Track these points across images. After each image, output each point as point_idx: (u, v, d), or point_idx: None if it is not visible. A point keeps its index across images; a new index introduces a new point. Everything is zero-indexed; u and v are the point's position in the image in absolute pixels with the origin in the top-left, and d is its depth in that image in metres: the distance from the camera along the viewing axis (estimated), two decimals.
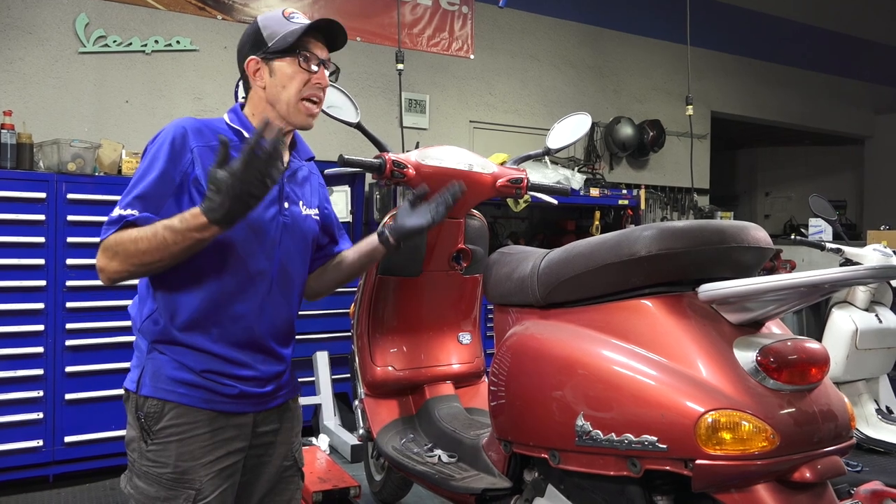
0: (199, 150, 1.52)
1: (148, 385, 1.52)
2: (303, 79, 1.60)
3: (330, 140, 4.48)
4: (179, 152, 1.51)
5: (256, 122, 1.62)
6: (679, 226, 1.56)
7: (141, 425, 1.52)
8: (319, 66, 1.62)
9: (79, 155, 3.29)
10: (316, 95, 1.63)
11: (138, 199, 1.46)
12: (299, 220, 1.68)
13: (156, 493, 1.50)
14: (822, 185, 9.16)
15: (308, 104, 1.62)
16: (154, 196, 1.47)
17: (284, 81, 1.59)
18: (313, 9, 4.79)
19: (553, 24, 5.93)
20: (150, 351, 1.55)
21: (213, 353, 1.54)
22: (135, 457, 1.54)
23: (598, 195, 5.20)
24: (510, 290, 1.98)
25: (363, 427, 2.63)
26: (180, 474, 1.50)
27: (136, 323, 1.60)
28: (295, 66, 1.59)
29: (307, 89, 1.61)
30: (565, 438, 1.61)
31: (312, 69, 1.61)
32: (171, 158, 1.49)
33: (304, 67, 1.60)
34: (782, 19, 7.45)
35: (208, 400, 1.54)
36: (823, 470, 1.40)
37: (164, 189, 1.48)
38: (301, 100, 1.61)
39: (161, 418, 1.51)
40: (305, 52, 1.60)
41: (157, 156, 1.50)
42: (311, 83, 1.61)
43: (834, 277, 1.34)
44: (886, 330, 3.38)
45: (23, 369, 3.14)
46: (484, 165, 2.42)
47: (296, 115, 1.62)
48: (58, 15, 4.03)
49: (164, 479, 1.50)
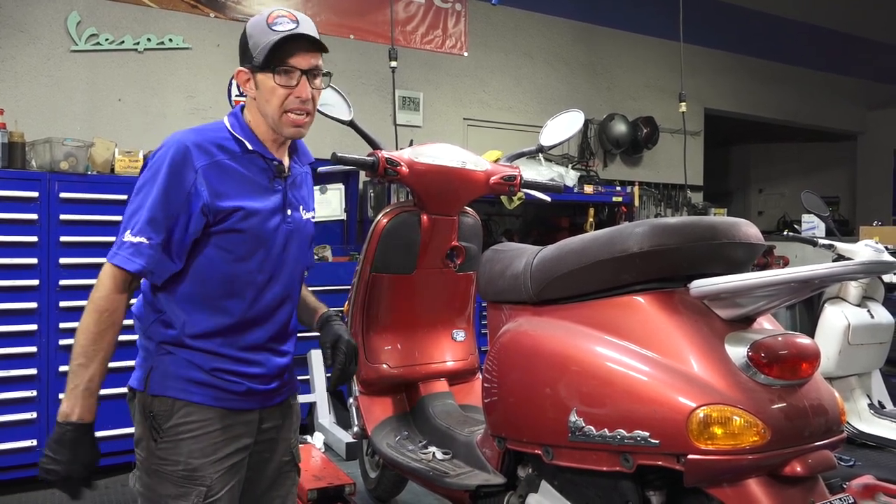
0: (203, 170, 1.51)
1: (157, 384, 1.55)
2: (283, 93, 1.55)
3: (323, 138, 4.47)
4: (182, 172, 1.49)
5: (256, 129, 1.61)
6: (671, 222, 1.57)
7: (150, 424, 1.53)
8: (302, 77, 1.55)
9: (71, 153, 3.28)
10: (299, 109, 1.57)
11: (149, 224, 1.47)
12: (301, 224, 1.69)
13: (167, 490, 1.52)
14: (815, 181, 9.18)
15: (292, 116, 1.57)
16: (164, 218, 1.48)
17: (267, 96, 1.56)
18: (306, 6, 4.78)
19: (546, 22, 5.94)
20: (159, 351, 1.56)
21: (222, 354, 1.57)
22: (144, 455, 1.55)
23: (592, 192, 5.21)
24: (503, 287, 1.98)
25: (358, 425, 2.63)
26: (191, 471, 1.52)
27: (141, 324, 1.61)
28: (273, 79, 1.54)
29: (289, 103, 1.56)
30: (558, 434, 1.62)
31: (291, 84, 1.55)
32: (174, 178, 1.49)
33: (283, 84, 1.54)
34: (775, 16, 7.47)
35: (217, 397, 1.56)
36: (814, 464, 1.41)
37: (170, 210, 1.48)
38: (285, 112, 1.57)
39: (171, 416, 1.53)
40: (283, 66, 1.53)
41: (158, 175, 1.49)
42: (291, 97, 1.55)
43: (824, 273, 1.35)
44: (878, 325, 3.40)
45: (16, 369, 3.13)
46: (477, 163, 2.43)
47: (283, 128, 1.59)
48: (49, 13, 4.01)
49: (174, 476, 1.52)
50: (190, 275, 1.55)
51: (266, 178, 1.61)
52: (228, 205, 1.52)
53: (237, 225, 1.54)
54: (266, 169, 1.61)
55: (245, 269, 1.57)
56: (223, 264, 1.55)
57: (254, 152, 1.59)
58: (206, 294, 1.56)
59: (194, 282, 1.55)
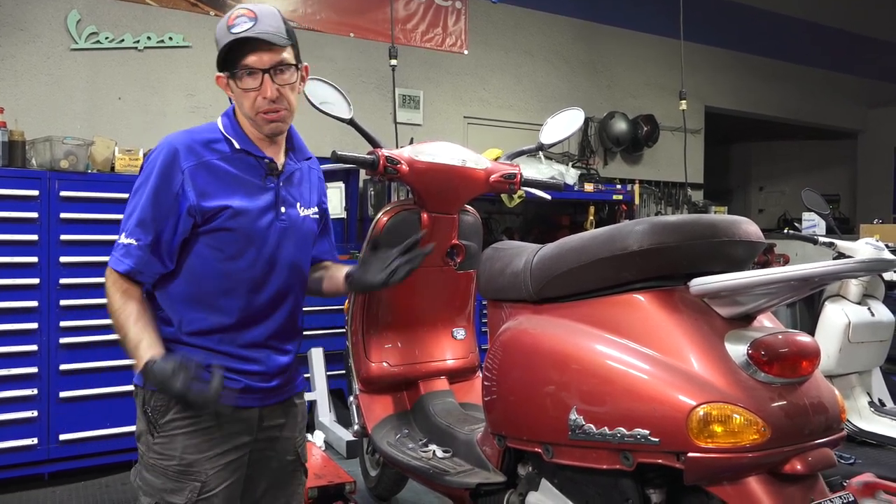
0: (190, 171, 1.53)
1: None
2: (252, 96, 1.53)
3: (323, 136, 4.47)
4: (170, 174, 1.52)
5: (246, 129, 1.61)
6: (671, 220, 1.57)
7: (148, 419, 1.55)
8: (264, 76, 1.52)
9: (71, 152, 3.28)
10: (267, 108, 1.54)
11: (138, 226, 1.52)
12: (297, 222, 1.68)
13: (162, 484, 1.53)
14: (816, 179, 9.18)
15: (265, 115, 1.55)
16: (152, 220, 1.51)
17: (238, 99, 1.57)
18: (306, 5, 4.77)
19: (547, 20, 5.93)
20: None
21: (220, 352, 1.58)
22: (143, 450, 1.58)
23: (593, 190, 5.21)
24: (503, 285, 1.98)
25: (358, 423, 2.64)
26: (186, 466, 1.53)
27: None
28: (237, 83, 1.53)
29: (259, 105, 1.54)
30: (559, 432, 1.62)
31: (255, 86, 1.52)
32: (163, 181, 1.52)
33: (248, 87, 1.52)
34: (775, 14, 7.46)
35: None
36: (814, 462, 1.41)
37: (159, 212, 1.52)
38: (258, 113, 1.56)
39: (167, 412, 1.54)
40: (240, 69, 1.51)
41: (149, 179, 1.53)
42: (259, 99, 1.53)
43: (824, 271, 1.35)
44: (879, 323, 3.39)
45: (17, 367, 3.13)
46: (477, 161, 2.42)
47: (261, 127, 1.59)
48: (49, 11, 4.00)
49: (170, 471, 1.53)
50: (185, 274, 1.57)
51: (258, 177, 1.61)
52: (215, 204, 1.53)
53: (226, 224, 1.55)
54: (257, 167, 1.61)
55: (237, 268, 1.58)
56: (216, 263, 1.57)
57: (243, 151, 1.60)
58: (201, 293, 1.57)
59: (189, 281, 1.57)
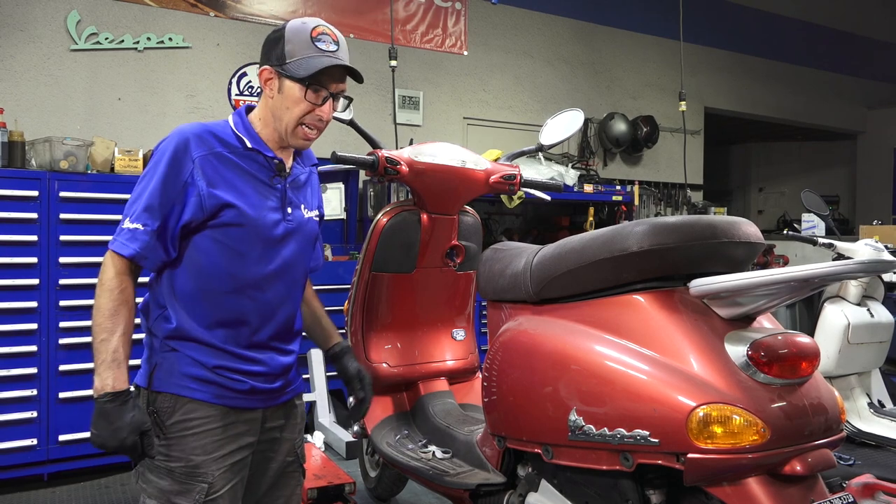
0: (200, 161, 1.54)
1: (161, 381, 1.56)
2: (307, 107, 1.58)
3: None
4: (181, 162, 1.53)
5: (261, 129, 1.63)
6: (670, 221, 1.57)
7: (153, 420, 1.55)
8: (329, 98, 1.60)
9: (71, 153, 3.28)
10: (315, 125, 1.61)
11: (146, 211, 1.51)
12: (302, 223, 1.70)
13: (169, 486, 1.53)
14: (815, 180, 9.19)
15: (306, 129, 1.61)
16: (159, 205, 1.52)
17: (289, 104, 1.58)
18: (306, 5, 4.77)
19: (546, 21, 5.94)
20: (163, 348, 1.58)
21: (225, 350, 1.58)
22: None
23: (592, 191, 5.21)
24: (503, 286, 1.98)
25: (358, 424, 2.63)
26: (193, 468, 1.53)
27: (146, 321, 1.63)
28: (303, 93, 1.57)
29: (308, 118, 1.59)
30: (558, 433, 1.62)
31: (317, 102, 1.59)
32: (172, 168, 1.52)
33: (311, 100, 1.58)
34: (775, 15, 7.47)
35: (220, 395, 1.57)
36: (814, 463, 1.41)
37: (166, 198, 1.52)
38: (300, 124, 1.60)
39: (174, 413, 1.54)
40: (317, 84, 1.57)
41: (158, 165, 1.54)
42: (313, 113, 1.59)
43: (824, 272, 1.35)
44: (878, 324, 3.40)
45: (16, 368, 3.12)
46: (477, 162, 2.43)
47: (292, 138, 1.62)
48: (49, 12, 4.01)
49: (176, 472, 1.53)
50: (191, 270, 1.57)
51: (266, 175, 1.62)
52: (223, 196, 1.54)
53: (234, 219, 1.56)
54: (266, 167, 1.63)
55: (244, 265, 1.59)
56: (222, 259, 1.57)
57: (253, 150, 1.61)
58: (207, 290, 1.57)
59: (195, 277, 1.57)
